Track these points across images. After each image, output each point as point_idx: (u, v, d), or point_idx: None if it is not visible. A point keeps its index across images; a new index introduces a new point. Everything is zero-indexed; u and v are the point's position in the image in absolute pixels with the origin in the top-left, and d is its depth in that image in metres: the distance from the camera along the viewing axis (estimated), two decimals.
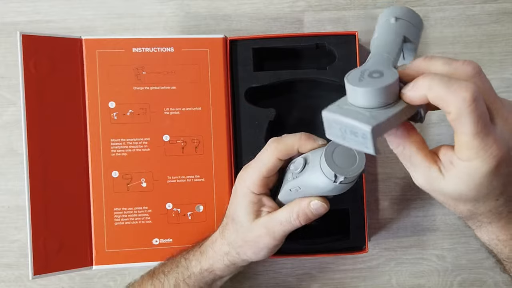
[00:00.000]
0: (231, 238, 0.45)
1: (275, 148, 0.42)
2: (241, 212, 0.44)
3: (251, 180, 0.43)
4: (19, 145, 0.57)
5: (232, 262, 0.46)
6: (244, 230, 0.44)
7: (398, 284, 0.58)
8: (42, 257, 0.49)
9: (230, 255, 0.46)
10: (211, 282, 0.48)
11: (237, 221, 0.45)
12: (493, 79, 0.58)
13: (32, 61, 0.49)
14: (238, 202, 0.44)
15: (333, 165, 0.37)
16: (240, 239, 0.45)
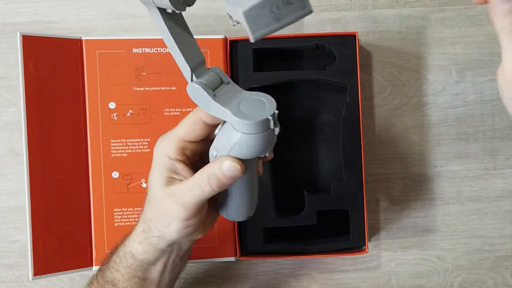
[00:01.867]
0: (144, 211, 0.41)
1: (198, 108, 0.38)
2: (153, 177, 0.40)
3: (167, 141, 0.39)
4: (19, 146, 0.57)
5: (148, 242, 0.41)
6: (154, 199, 0.40)
7: (398, 284, 0.58)
8: (42, 257, 0.49)
9: (144, 232, 0.41)
10: (141, 269, 0.43)
11: (149, 190, 0.40)
12: (493, 80, 0.58)
13: (32, 61, 0.49)
14: (152, 167, 0.40)
15: (237, 112, 0.35)
16: (150, 211, 0.40)
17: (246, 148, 0.36)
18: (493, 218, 0.59)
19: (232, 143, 0.36)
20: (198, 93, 0.36)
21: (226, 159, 0.36)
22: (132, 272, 0.43)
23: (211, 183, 0.37)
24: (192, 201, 0.38)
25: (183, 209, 0.38)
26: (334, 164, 0.56)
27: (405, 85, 0.58)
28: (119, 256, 0.43)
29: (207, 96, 0.35)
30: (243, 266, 0.58)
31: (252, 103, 0.36)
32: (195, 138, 0.39)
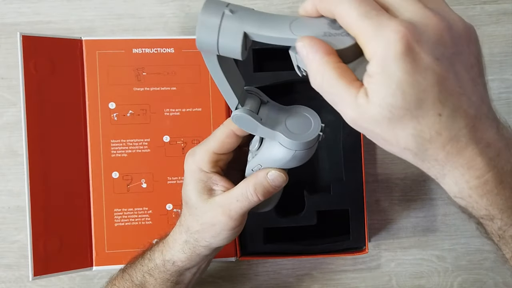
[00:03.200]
0: (187, 224, 0.41)
1: (229, 122, 0.38)
2: (191, 192, 0.40)
3: (200, 156, 0.39)
4: (19, 146, 0.57)
5: (193, 251, 0.42)
6: (198, 213, 0.40)
7: (398, 284, 0.58)
8: (42, 258, 0.49)
9: (189, 243, 0.42)
10: (177, 274, 0.44)
11: (190, 204, 0.41)
12: (493, 80, 0.58)
13: (32, 62, 0.49)
14: (187, 183, 0.40)
15: (288, 132, 0.36)
16: (196, 223, 0.41)
17: (295, 161, 0.37)
18: None
19: (283, 159, 0.37)
20: (245, 120, 0.36)
21: (271, 169, 0.38)
22: (167, 277, 0.44)
23: (258, 193, 0.38)
24: (240, 211, 0.39)
25: (231, 219, 0.39)
26: (334, 164, 0.56)
27: None
28: (154, 262, 0.44)
29: (255, 122, 0.36)
30: (243, 266, 0.58)
31: (298, 121, 0.37)
32: (227, 150, 0.39)
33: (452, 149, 0.26)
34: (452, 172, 0.27)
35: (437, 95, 0.25)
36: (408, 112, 0.25)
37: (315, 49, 0.27)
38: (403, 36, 0.24)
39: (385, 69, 0.24)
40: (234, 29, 0.29)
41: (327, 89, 0.27)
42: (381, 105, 0.25)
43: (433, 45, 0.25)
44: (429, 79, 0.24)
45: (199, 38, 0.29)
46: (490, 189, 0.27)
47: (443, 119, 0.25)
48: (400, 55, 0.24)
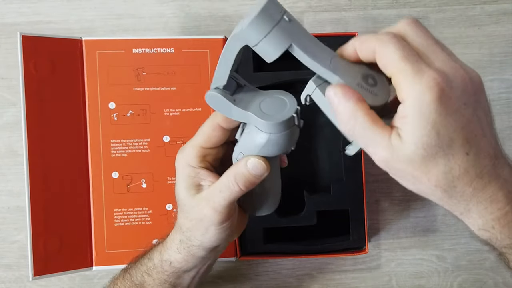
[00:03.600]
0: (180, 223, 0.41)
1: (215, 115, 0.38)
2: (180, 188, 0.40)
3: (188, 151, 0.39)
4: (19, 146, 0.57)
5: (188, 251, 0.41)
6: (187, 209, 0.40)
7: (398, 284, 0.58)
8: (42, 258, 0.49)
9: (183, 243, 0.41)
10: (175, 276, 0.43)
11: (179, 202, 0.40)
12: (493, 80, 0.58)
13: (32, 62, 0.49)
14: (176, 179, 0.40)
15: (261, 113, 0.35)
16: (186, 220, 0.40)
17: (273, 147, 0.36)
18: None
19: (259, 144, 0.36)
20: (218, 101, 0.36)
21: (250, 157, 0.37)
22: (164, 278, 0.43)
23: (238, 183, 0.37)
24: (223, 202, 0.38)
25: (215, 212, 0.38)
26: (334, 164, 0.56)
27: None
28: (153, 262, 0.44)
29: (228, 102, 0.36)
30: (243, 266, 0.58)
31: (273, 103, 0.36)
32: (214, 144, 0.39)
33: (477, 185, 0.29)
34: (476, 206, 0.30)
35: (465, 135, 0.28)
36: (441, 150, 0.28)
37: (348, 97, 0.30)
38: (438, 83, 0.27)
39: (421, 111, 0.28)
40: (283, 36, 0.30)
41: (359, 133, 0.30)
42: (417, 144, 0.28)
43: (461, 92, 0.28)
44: (459, 122, 0.28)
45: (248, 29, 0.30)
46: (511, 219, 0.30)
47: (470, 157, 0.29)
48: (436, 100, 0.27)
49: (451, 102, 0.28)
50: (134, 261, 0.46)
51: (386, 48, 0.29)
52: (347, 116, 0.30)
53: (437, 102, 0.27)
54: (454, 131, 0.28)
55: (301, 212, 0.53)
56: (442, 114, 0.28)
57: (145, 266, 0.44)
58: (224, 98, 0.35)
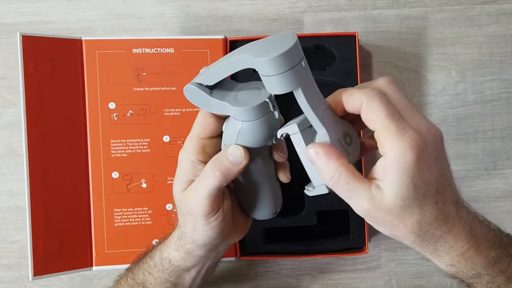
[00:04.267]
0: (178, 218, 0.41)
1: None
2: (175, 184, 0.40)
3: (187, 145, 0.39)
4: (19, 146, 0.57)
5: (184, 249, 0.41)
6: (179, 205, 0.40)
7: (398, 285, 0.58)
8: (42, 258, 0.49)
9: (180, 239, 0.41)
10: (175, 275, 0.43)
11: (174, 198, 0.40)
12: (493, 80, 0.58)
13: (32, 62, 0.49)
14: (175, 175, 0.40)
15: (234, 101, 0.35)
16: (180, 216, 0.40)
17: (250, 136, 0.36)
18: (493, 218, 0.57)
19: (235, 133, 0.36)
20: (195, 94, 0.36)
21: (230, 145, 0.37)
22: (165, 277, 0.43)
23: (216, 170, 0.37)
24: (204, 192, 0.37)
25: (197, 203, 0.38)
26: None
27: (405, 86, 0.58)
28: (154, 260, 0.44)
29: (204, 94, 0.36)
30: (243, 266, 0.58)
31: (248, 92, 0.36)
32: (210, 133, 0.39)
33: (445, 228, 0.33)
34: (443, 246, 0.34)
35: (436, 187, 0.32)
36: (416, 201, 0.32)
37: (329, 155, 0.33)
38: (418, 142, 0.31)
39: (403, 166, 0.31)
40: (294, 80, 0.32)
41: (343, 186, 0.33)
42: (396, 195, 0.32)
43: (433, 149, 0.32)
44: (432, 175, 0.32)
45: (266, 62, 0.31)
46: (473, 252, 0.34)
47: (439, 206, 0.33)
48: (416, 157, 0.31)
49: (427, 159, 0.32)
50: (137, 260, 0.47)
51: (373, 104, 0.32)
52: (330, 173, 0.33)
53: (417, 159, 0.31)
54: (428, 184, 0.32)
55: (301, 212, 0.53)
56: (420, 169, 0.31)
57: (146, 264, 0.44)
58: (201, 91, 0.36)
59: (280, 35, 0.33)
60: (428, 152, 0.32)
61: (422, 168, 0.31)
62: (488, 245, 0.34)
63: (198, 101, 0.37)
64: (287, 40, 0.32)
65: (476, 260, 0.34)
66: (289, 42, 0.31)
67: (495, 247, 0.35)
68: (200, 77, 0.36)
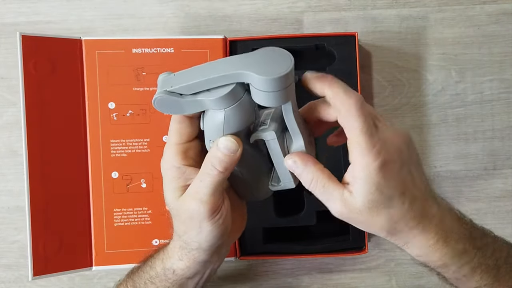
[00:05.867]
0: (175, 229, 0.41)
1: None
2: (167, 193, 0.40)
3: (167, 153, 0.39)
4: (19, 146, 0.57)
5: (189, 257, 0.41)
6: (177, 213, 0.39)
7: (398, 285, 0.58)
8: (41, 258, 0.49)
9: (183, 249, 0.41)
10: (178, 283, 0.43)
11: (170, 208, 0.40)
12: (492, 80, 0.58)
13: (32, 62, 0.49)
14: (164, 186, 0.40)
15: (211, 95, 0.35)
16: (180, 224, 0.40)
17: (237, 120, 0.36)
18: (493, 218, 0.59)
19: (220, 124, 0.36)
20: (167, 103, 0.36)
21: (219, 139, 0.37)
22: (168, 286, 0.43)
23: (216, 166, 0.37)
24: (206, 191, 0.37)
25: (202, 203, 0.37)
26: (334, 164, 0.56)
27: (405, 85, 0.58)
28: (156, 270, 0.43)
29: (176, 99, 0.35)
30: (243, 266, 0.58)
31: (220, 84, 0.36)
32: (188, 136, 0.39)
33: (412, 224, 0.37)
34: (413, 239, 0.37)
35: (401, 191, 0.36)
36: (383, 204, 0.35)
37: (305, 162, 0.37)
38: (382, 155, 0.34)
39: (369, 175, 0.35)
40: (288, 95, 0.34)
41: (320, 189, 0.37)
42: (364, 200, 0.35)
43: (397, 157, 0.35)
44: (397, 181, 0.35)
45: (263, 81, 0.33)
46: (441, 244, 0.37)
47: (405, 206, 0.36)
48: (380, 168, 0.34)
49: (391, 167, 0.35)
50: (136, 268, 0.46)
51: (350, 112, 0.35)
52: (309, 178, 0.37)
53: (381, 169, 0.34)
54: (393, 189, 0.35)
55: (301, 212, 0.53)
56: (384, 178, 0.35)
57: (147, 274, 0.44)
58: (173, 97, 0.35)
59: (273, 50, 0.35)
60: (393, 161, 0.35)
61: (386, 176, 0.35)
62: (456, 237, 0.37)
63: (171, 108, 0.36)
64: (284, 58, 0.34)
65: (444, 251, 0.37)
66: (287, 61, 0.34)
67: (463, 240, 0.37)
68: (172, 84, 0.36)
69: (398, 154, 0.36)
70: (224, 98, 0.35)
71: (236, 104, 0.35)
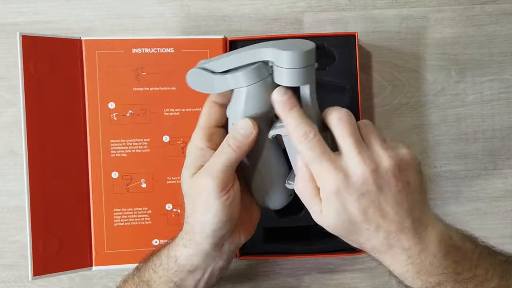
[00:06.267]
0: (186, 210, 0.42)
1: (210, 94, 0.42)
2: (184, 171, 0.41)
3: (194, 135, 0.41)
4: (18, 146, 0.57)
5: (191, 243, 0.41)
6: (188, 190, 0.41)
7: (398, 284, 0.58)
8: (41, 258, 0.49)
9: (188, 233, 0.41)
10: (179, 275, 0.43)
11: (183, 187, 0.42)
12: (492, 80, 0.58)
13: (32, 61, 0.49)
14: (184, 165, 0.42)
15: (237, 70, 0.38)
16: (188, 203, 0.41)
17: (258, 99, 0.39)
18: (493, 218, 0.59)
19: (242, 102, 0.39)
20: (198, 77, 0.39)
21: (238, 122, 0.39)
22: (169, 276, 0.43)
23: (230, 144, 0.39)
24: (218, 167, 0.39)
25: (212, 178, 0.39)
26: None
27: (404, 85, 0.58)
28: (160, 258, 0.44)
29: (208, 74, 0.39)
30: (243, 266, 0.58)
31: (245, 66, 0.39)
32: (216, 121, 0.41)
33: (379, 251, 0.38)
34: (384, 262, 0.39)
35: (363, 219, 0.36)
36: (345, 228, 0.37)
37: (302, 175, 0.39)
38: (334, 181, 0.36)
39: (327, 199, 0.37)
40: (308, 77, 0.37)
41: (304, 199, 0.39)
42: (329, 223, 0.38)
43: (360, 185, 0.36)
44: (354, 209, 0.36)
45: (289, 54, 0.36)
46: (411, 275, 0.38)
47: (370, 232, 0.37)
48: (333, 194, 0.36)
49: (347, 195, 0.36)
50: (145, 259, 0.46)
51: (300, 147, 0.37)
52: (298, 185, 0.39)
53: (334, 195, 0.36)
54: (353, 215, 0.36)
55: (301, 212, 0.53)
56: (340, 203, 0.36)
57: (153, 263, 0.44)
58: (205, 72, 0.39)
59: (296, 40, 0.39)
60: (351, 189, 0.36)
61: (343, 202, 0.36)
62: (432, 271, 0.37)
63: (201, 84, 0.40)
64: (306, 43, 0.37)
65: (414, 282, 0.38)
66: (309, 44, 0.37)
67: (440, 275, 0.37)
68: (207, 64, 0.39)
69: (360, 181, 0.36)
70: (249, 73, 0.38)
71: (259, 82, 0.38)
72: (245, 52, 0.38)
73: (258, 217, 0.45)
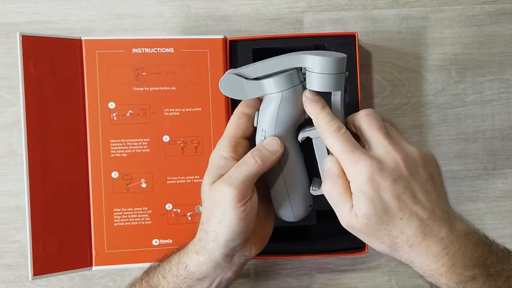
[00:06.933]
0: (202, 216, 0.42)
1: (239, 105, 0.43)
2: (205, 178, 0.41)
3: (220, 144, 0.42)
4: (18, 146, 0.57)
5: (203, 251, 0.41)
6: (206, 197, 0.41)
7: (398, 284, 0.58)
8: (41, 257, 0.49)
9: (201, 240, 0.41)
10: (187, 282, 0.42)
11: (202, 193, 0.42)
12: (492, 80, 0.58)
13: (32, 61, 0.49)
14: (206, 172, 0.42)
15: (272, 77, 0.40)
16: (205, 210, 0.41)
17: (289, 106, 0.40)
18: (493, 218, 0.59)
19: (276, 106, 0.40)
20: (232, 82, 0.41)
21: (266, 138, 0.41)
22: (178, 283, 0.43)
23: (255, 156, 0.40)
24: (239, 176, 0.39)
25: (231, 187, 0.39)
26: None
27: (404, 85, 0.58)
28: (170, 264, 0.44)
29: (241, 80, 0.40)
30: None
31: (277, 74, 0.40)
32: (243, 132, 0.42)
33: (413, 243, 0.36)
34: (416, 258, 0.37)
35: (397, 206, 0.36)
36: (379, 218, 0.36)
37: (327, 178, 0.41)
38: (368, 168, 0.36)
39: (360, 190, 0.37)
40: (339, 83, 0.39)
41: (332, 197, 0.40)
42: (361, 216, 0.37)
43: (392, 171, 0.36)
44: (391, 194, 0.36)
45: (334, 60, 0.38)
46: (445, 269, 0.36)
47: (403, 221, 0.36)
48: (367, 181, 0.36)
49: (382, 181, 0.36)
50: (155, 265, 0.46)
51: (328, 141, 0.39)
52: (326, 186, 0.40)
53: (369, 182, 0.36)
54: (388, 202, 0.36)
55: None
56: (375, 191, 0.36)
57: (162, 268, 0.44)
58: (238, 77, 0.40)
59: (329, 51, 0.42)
60: (385, 175, 0.36)
61: (377, 189, 0.36)
62: (466, 263, 0.36)
63: (234, 90, 0.41)
64: (337, 53, 0.40)
65: (449, 277, 0.36)
66: (341, 54, 0.39)
67: (474, 266, 0.36)
68: (241, 70, 0.41)
69: (393, 167, 0.37)
70: (283, 79, 0.39)
71: (292, 88, 0.40)
72: (279, 59, 0.39)
73: (270, 232, 0.46)
